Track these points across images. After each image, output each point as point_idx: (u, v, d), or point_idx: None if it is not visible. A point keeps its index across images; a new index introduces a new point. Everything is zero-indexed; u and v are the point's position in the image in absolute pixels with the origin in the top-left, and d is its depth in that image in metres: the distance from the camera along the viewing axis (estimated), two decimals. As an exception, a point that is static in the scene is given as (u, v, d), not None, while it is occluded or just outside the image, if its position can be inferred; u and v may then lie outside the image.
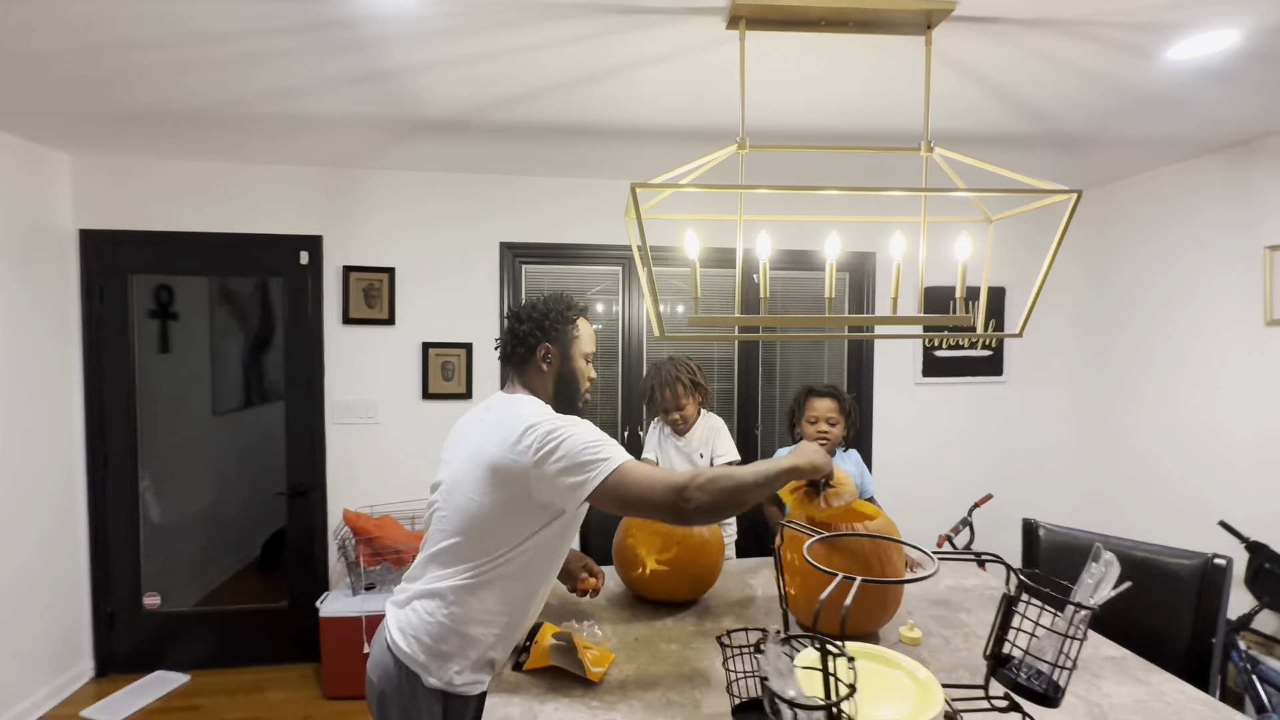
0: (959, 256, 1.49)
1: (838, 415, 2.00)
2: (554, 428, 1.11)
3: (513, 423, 1.14)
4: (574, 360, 1.33)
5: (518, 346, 1.29)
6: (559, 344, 1.30)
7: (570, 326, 1.32)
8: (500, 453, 1.13)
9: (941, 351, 3.32)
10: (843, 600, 0.84)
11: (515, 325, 1.30)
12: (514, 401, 1.24)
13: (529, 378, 1.30)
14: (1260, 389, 2.44)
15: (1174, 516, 2.73)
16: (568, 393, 1.33)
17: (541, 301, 1.32)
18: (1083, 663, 1.26)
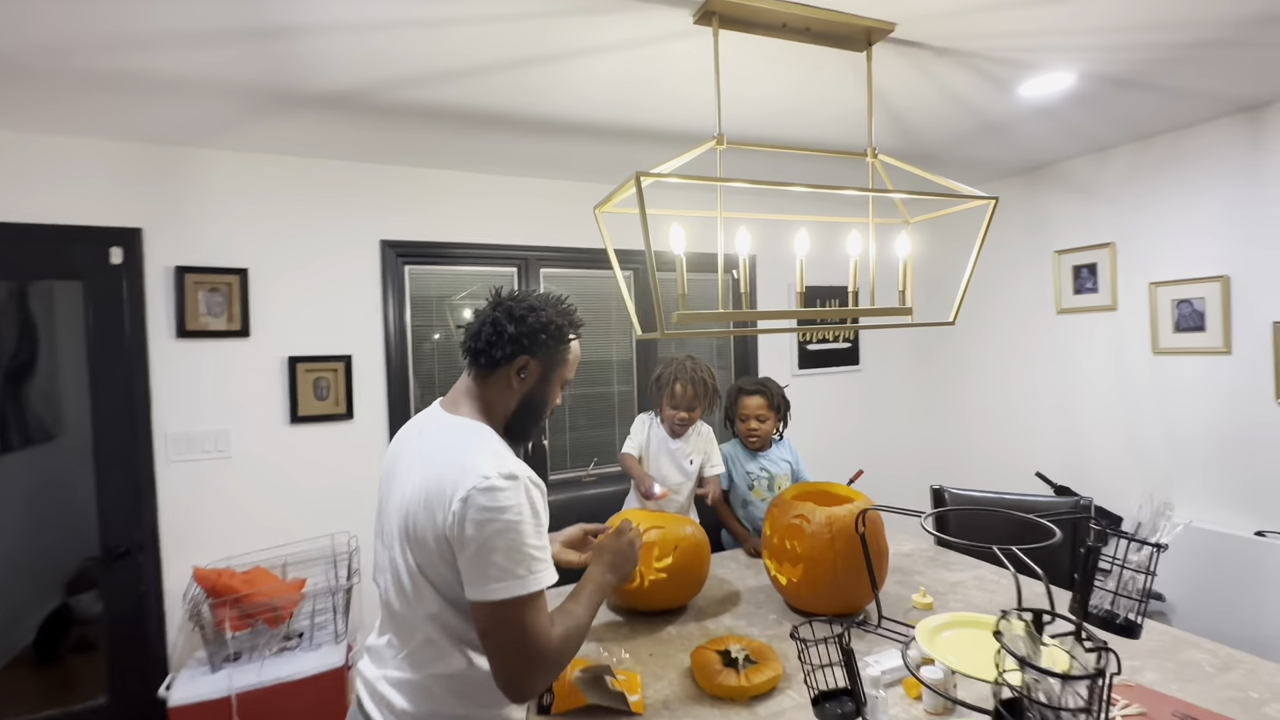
0: (900, 254, 1.65)
1: (766, 411, 2.06)
2: (506, 505, 0.90)
3: (453, 470, 0.93)
4: (551, 385, 1.13)
5: (497, 347, 1.07)
6: (544, 362, 1.10)
7: (563, 348, 1.12)
8: (430, 509, 0.94)
9: (813, 346, 3.66)
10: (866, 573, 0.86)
11: (503, 323, 1.08)
12: (458, 431, 1.01)
13: (491, 388, 1.08)
14: (1055, 364, 3.06)
15: (1001, 471, 3.31)
16: (527, 420, 1.12)
17: (544, 308, 1.10)
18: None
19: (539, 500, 0.95)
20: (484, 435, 1.01)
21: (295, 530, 2.48)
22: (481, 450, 0.96)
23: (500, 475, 0.91)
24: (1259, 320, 2.36)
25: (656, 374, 1.98)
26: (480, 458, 0.94)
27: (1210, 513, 2.51)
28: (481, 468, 0.92)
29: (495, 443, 1.00)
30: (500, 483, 0.91)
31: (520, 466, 0.96)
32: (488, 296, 1.14)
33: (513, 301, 1.09)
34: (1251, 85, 2.10)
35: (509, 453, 1.00)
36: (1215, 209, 2.46)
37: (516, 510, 0.90)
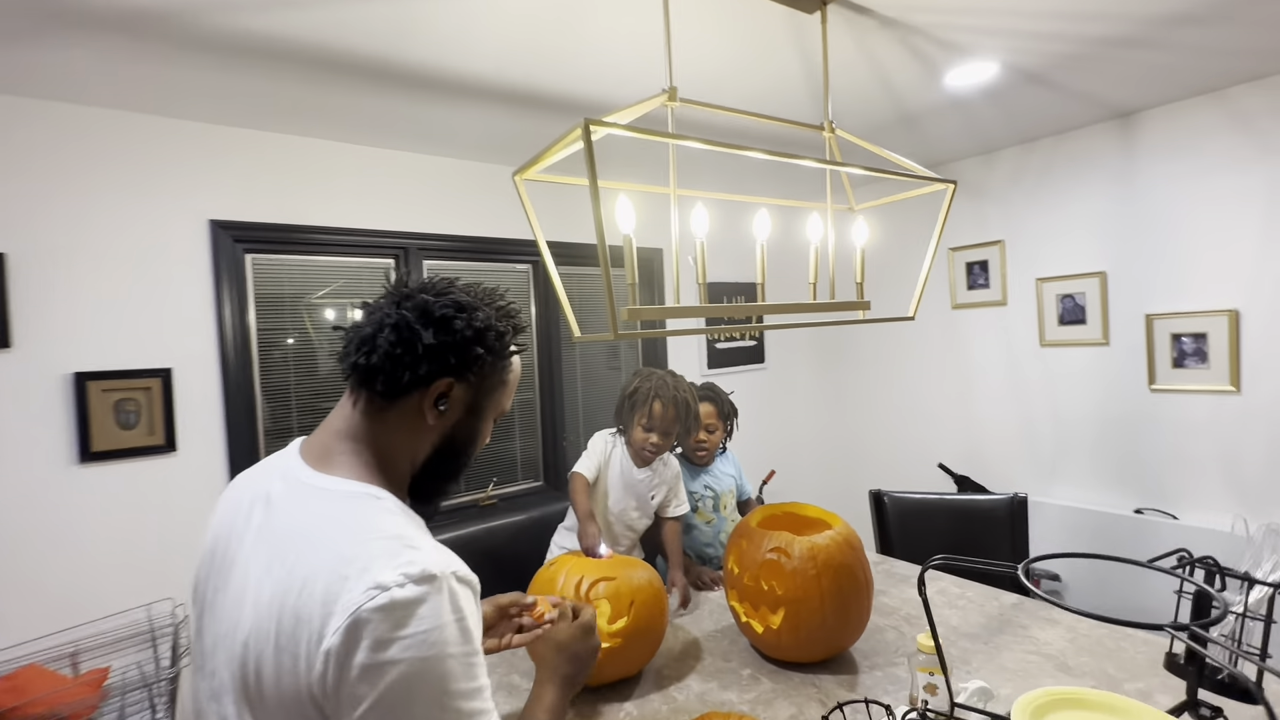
0: (857, 242, 1.48)
1: (716, 420, 1.83)
2: (419, 633, 0.57)
3: (326, 578, 0.58)
4: (482, 420, 0.79)
5: (404, 365, 0.69)
6: (475, 387, 0.75)
7: (503, 366, 0.78)
8: (285, 650, 0.59)
9: (721, 344, 3.52)
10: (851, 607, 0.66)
11: (415, 328, 0.70)
12: (331, 504, 0.65)
13: (390, 426, 0.72)
14: (952, 357, 3.16)
15: (904, 463, 3.38)
16: (445, 472, 0.77)
17: (477, 306, 0.74)
18: (1000, 617, 1.36)
19: (469, 610, 0.62)
20: (375, 510, 0.65)
21: (92, 605, 1.86)
22: (373, 537, 0.61)
23: (409, 579, 0.58)
24: (1133, 313, 2.53)
25: (631, 388, 1.61)
26: (372, 551, 0.59)
27: (1092, 493, 2.68)
28: (375, 570, 0.58)
29: (395, 519, 0.65)
30: (409, 593, 0.57)
31: (439, 557, 0.62)
32: (384, 283, 0.76)
33: (429, 295, 0.72)
34: (1132, 91, 2.21)
35: (419, 534, 0.65)
36: (1093, 209, 2.62)
37: (437, 636, 0.57)
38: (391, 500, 0.67)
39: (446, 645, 0.58)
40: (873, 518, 1.99)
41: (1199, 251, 2.36)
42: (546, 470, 2.89)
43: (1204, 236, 2.34)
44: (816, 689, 1.14)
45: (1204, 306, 2.35)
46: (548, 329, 2.86)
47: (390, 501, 0.67)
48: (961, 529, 1.85)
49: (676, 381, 1.60)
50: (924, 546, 1.84)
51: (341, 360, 0.73)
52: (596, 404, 3.15)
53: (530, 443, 2.87)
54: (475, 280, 0.80)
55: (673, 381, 1.59)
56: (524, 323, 0.81)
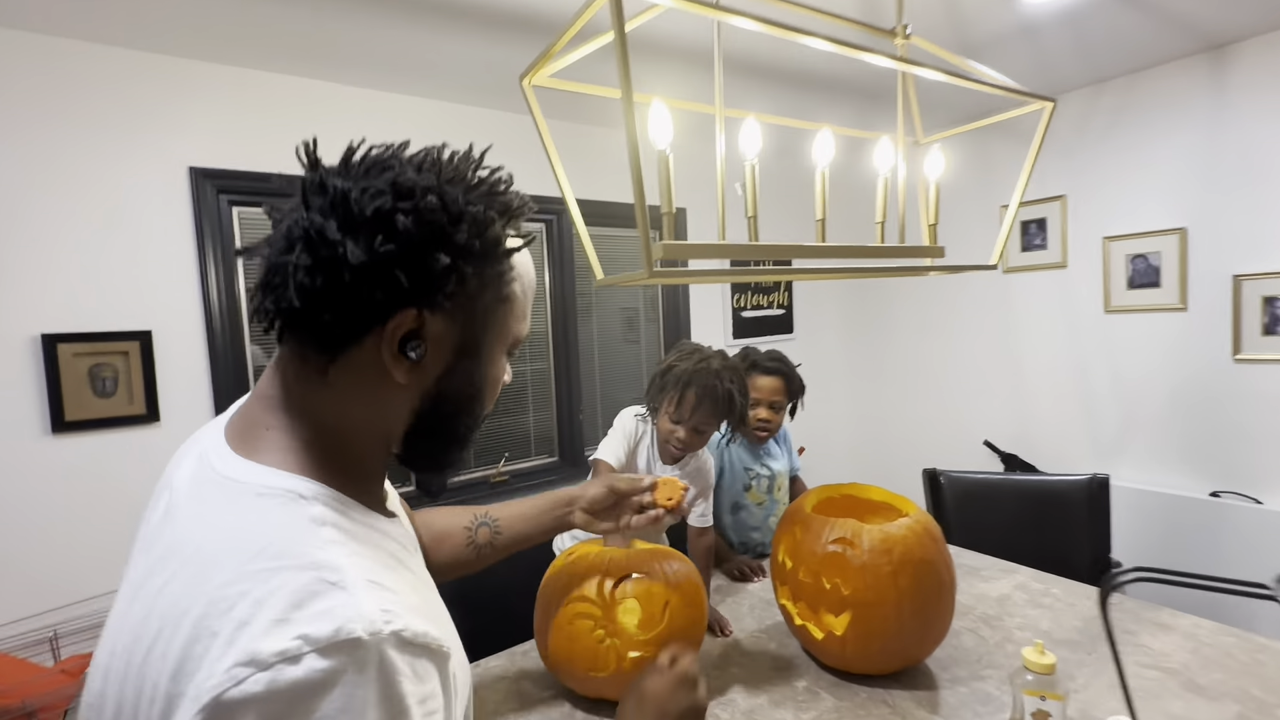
0: (930, 175, 1.25)
1: (783, 398, 1.53)
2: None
3: (181, 636, 0.37)
4: (484, 359, 0.52)
5: (327, 302, 0.44)
6: (462, 316, 0.49)
7: (499, 275, 0.50)
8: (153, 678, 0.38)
9: (747, 312, 3.29)
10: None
11: (327, 238, 0.43)
12: (222, 513, 0.43)
13: (340, 390, 0.48)
14: (1001, 326, 2.89)
15: (944, 440, 3.14)
16: (446, 437, 0.52)
17: (431, 186, 0.46)
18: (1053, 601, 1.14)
19: (416, 692, 0.39)
20: (289, 519, 0.42)
21: (71, 588, 1.71)
22: (274, 565, 0.39)
23: (308, 647, 0.35)
24: (1216, 274, 2.25)
25: (665, 365, 1.26)
26: (265, 590, 0.37)
27: (1162, 475, 2.43)
28: (256, 627, 0.36)
29: (318, 535, 0.42)
30: (303, 672, 0.35)
31: (370, 606, 0.39)
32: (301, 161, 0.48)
33: (355, 179, 0.46)
34: (1233, 13, 1.91)
35: (353, 560, 0.42)
36: (1173, 158, 2.33)
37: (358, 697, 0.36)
38: (323, 503, 0.44)
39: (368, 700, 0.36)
40: (928, 500, 1.78)
41: (1301, 203, 2.07)
42: (561, 445, 2.70)
43: (1307, 185, 2.05)
44: (890, 709, 0.94)
45: (1305, 265, 2.07)
46: (563, 294, 2.64)
47: (320, 506, 0.44)
48: (1031, 514, 1.63)
49: (724, 366, 1.23)
50: (987, 534, 1.62)
51: (249, 303, 0.49)
52: (613, 377, 2.95)
53: (544, 415, 2.68)
54: (432, 146, 0.51)
55: (718, 365, 1.23)
56: (520, 201, 0.52)
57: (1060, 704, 0.83)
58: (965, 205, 2.96)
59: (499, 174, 0.51)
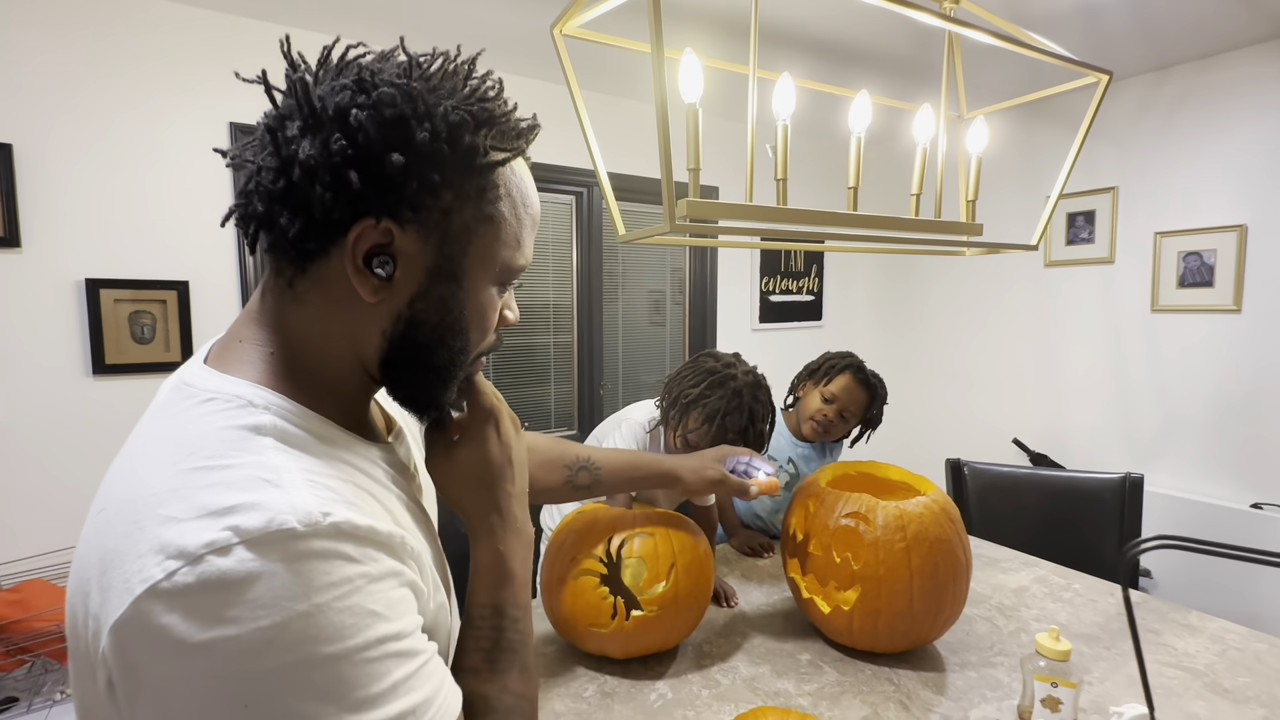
0: (972, 150, 1.20)
1: (858, 411, 1.46)
2: (252, 632, 0.33)
3: (112, 531, 0.37)
4: (465, 283, 0.47)
5: (284, 203, 0.42)
6: (435, 232, 0.45)
7: (480, 188, 0.45)
8: (74, 622, 0.38)
9: (775, 297, 3.24)
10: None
11: (284, 133, 0.42)
12: (176, 415, 0.41)
13: (308, 305, 0.45)
14: (1040, 321, 2.79)
15: (973, 436, 3.06)
16: (425, 366, 0.48)
17: (393, 82, 0.42)
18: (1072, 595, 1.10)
19: (359, 576, 0.38)
20: (232, 423, 0.40)
21: (105, 523, 1.78)
22: (209, 464, 0.37)
23: (237, 539, 0.34)
24: (1278, 276, 2.13)
25: (696, 395, 1.12)
26: (192, 486, 0.36)
27: (1202, 484, 2.33)
28: (183, 522, 0.35)
29: (259, 443, 0.40)
30: (231, 564, 0.34)
31: (305, 500, 0.37)
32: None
33: (327, 76, 0.44)
34: (1321, -6, 1.78)
35: (297, 466, 0.40)
36: (1237, 151, 2.20)
37: (289, 636, 0.34)
38: (274, 413, 0.42)
39: (330, 642, 0.35)
40: (950, 491, 1.73)
41: (1376, 202, 1.94)
42: (581, 419, 2.71)
43: (1385, 183, 1.92)
44: (895, 687, 0.93)
45: (1375, 268, 1.94)
46: (589, 268, 2.64)
47: (269, 416, 0.41)
48: (1058, 510, 1.58)
49: (755, 391, 1.13)
50: (1010, 528, 1.58)
51: (229, 215, 0.46)
52: (637, 357, 2.95)
53: (565, 389, 2.69)
54: (427, 52, 0.47)
55: (749, 400, 1.11)
56: (504, 108, 0.47)
57: (1073, 692, 0.80)
58: (1008, 191, 2.85)
59: (490, 83, 0.47)
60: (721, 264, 3.01)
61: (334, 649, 0.35)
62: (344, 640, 0.36)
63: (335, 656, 0.35)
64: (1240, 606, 2.07)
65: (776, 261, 3.23)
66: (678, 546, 0.95)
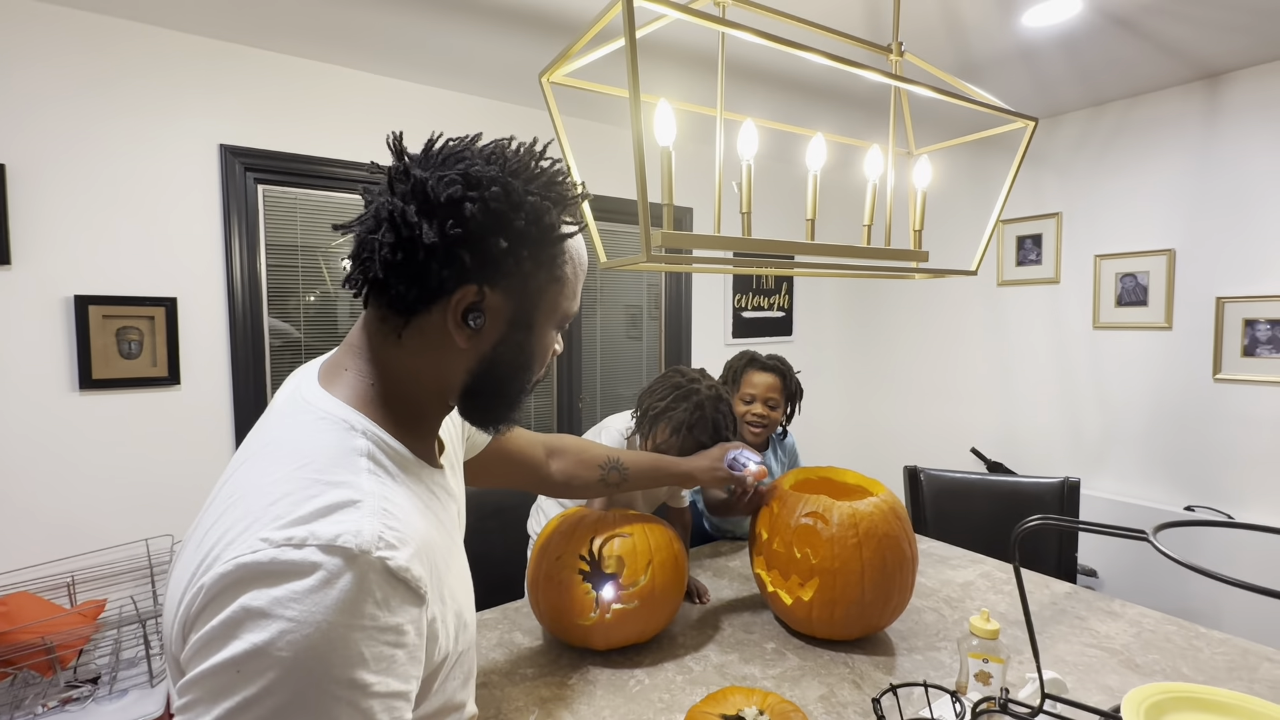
0: (918, 184, 1.33)
1: (779, 397, 1.55)
2: (281, 627, 0.42)
3: (229, 520, 0.47)
4: (535, 332, 0.59)
5: (405, 275, 0.53)
6: (517, 293, 0.56)
7: (551, 258, 0.57)
8: (174, 605, 0.47)
9: (748, 313, 3.37)
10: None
11: (408, 220, 0.52)
12: (291, 428, 0.53)
13: (407, 348, 0.56)
14: (994, 337, 2.97)
15: (934, 446, 3.22)
16: (500, 398, 0.60)
17: (500, 176, 0.53)
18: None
19: (387, 621, 0.45)
20: (335, 442, 0.51)
21: (89, 535, 1.81)
22: (309, 476, 0.47)
23: (312, 541, 0.44)
24: (1201, 296, 2.33)
25: (664, 407, 1.21)
26: (289, 490, 0.46)
27: (1141, 488, 2.51)
28: (280, 509, 0.45)
29: (354, 463, 0.50)
30: (294, 556, 0.43)
31: (374, 528, 0.46)
32: (390, 151, 0.57)
33: (432, 169, 0.53)
34: (1227, 45, 1.99)
35: (379, 489, 0.50)
36: (1165, 181, 2.41)
37: (308, 641, 0.42)
38: (368, 438, 0.53)
39: (318, 660, 0.42)
40: (907, 495, 1.86)
41: (1284, 230, 2.14)
42: (560, 431, 2.79)
43: (1291, 213, 2.13)
44: (849, 669, 1.03)
45: (1285, 290, 2.14)
46: (569, 285, 2.73)
47: (364, 440, 0.52)
48: (1004, 512, 1.71)
49: (717, 412, 1.21)
50: (962, 529, 1.70)
51: (347, 278, 0.57)
52: (614, 371, 3.04)
53: (545, 402, 2.77)
54: (502, 139, 0.58)
55: (710, 412, 1.20)
56: (574, 190, 0.59)
57: (1001, 667, 0.91)
58: (960, 218, 3.04)
59: (558, 165, 0.59)
60: (696, 282, 3.14)
61: (317, 668, 0.42)
62: (328, 664, 0.42)
63: (313, 674, 0.42)
64: (1174, 601, 2.23)
65: (748, 280, 3.36)
66: (654, 545, 1.05)
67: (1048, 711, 0.73)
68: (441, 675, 0.55)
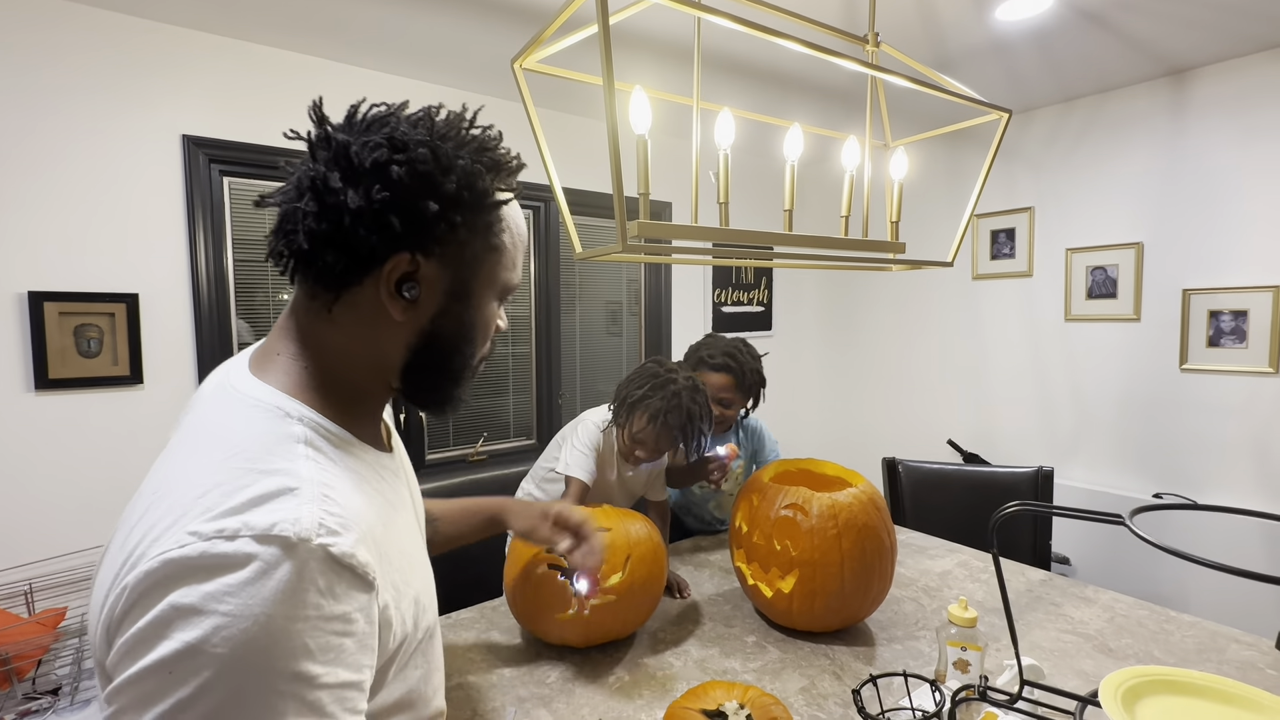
0: (895, 176, 1.33)
1: (732, 394, 1.48)
2: (221, 614, 0.39)
3: (155, 514, 0.44)
4: (475, 304, 0.57)
5: (331, 244, 0.50)
6: (454, 262, 0.54)
7: (488, 225, 0.55)
8: (98, 607, 0.45)
9: (727, 308, 3.38)
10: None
11: (330, 185, 0.49)
12: (222, 418, 0.50)
13: (340, 325, 0.53)
14: (969, 330, 3.01)
15: (912, 438, 3.26)
16: (444, 373, 0.57)
17: (424, 141, 0.51)
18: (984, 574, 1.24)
19: (333, 611, 0.43)
20: (269, 430, 0.48)
21: (48, 541, 1.74)
22: (242, 465, 0.45)
23: (245, 532, 0.41)
24: (1168, 288, 2.38)
25: (639, 396, 1.22)
26: (223, 480, 0.44)
27: (1112, 476, 2.56)
28: (208, 501, 0.42)
29: (291, 450, 0.47)
30: (227, 548, 0.40)
31: (313, 514, 0.44)
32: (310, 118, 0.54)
33: (356, 134, 0.51)
34: (1193, 41, 2.03)
35: (318, 475, 0.47)
36: (1133, 176, 2.45)
37: (245, 634, 0.39)
38: (305, 424, 0.50)
39: (258, 654, 0.39)
40: (885, 487, 1.87)
41: (1246, 223, 2.20)
42: (540, 429, 2.76)
43: (1253, 207, 2.18)
44: (830, 660, 1.03)
45: (1248, 282, 2.20)
46: (547, 281, 2.70)
47: (301, 426, 0.50)
48: (980, 502, 1.73)
49: (693, 402, 1.22)
50: (939, 519, 1.72)
51: (268, 244, 0.53)
52: (594, 367, 3.02)
53: (524, 399, 2.74)
54: (431, 106, 0.55)
55: (688, 401, 1.21)
56: (507, 156, 0.56)
57: (979, 654, 0.91)
58: (936, 213, 3.07)
59: (489, 132, 0.56)
60: (676, 276, 3.12)
61: (257, 661, 0.39)
62: (269, 657, 0.40)
63: (253, 669, 0.39)
64: (1145, 586, 2.29)
65: (728, 274, 3.36)
66: (632, 539, 1.03)
67: (1026, 698, 0.73)
68: (399, 662, 0.53)
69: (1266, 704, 0.54)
